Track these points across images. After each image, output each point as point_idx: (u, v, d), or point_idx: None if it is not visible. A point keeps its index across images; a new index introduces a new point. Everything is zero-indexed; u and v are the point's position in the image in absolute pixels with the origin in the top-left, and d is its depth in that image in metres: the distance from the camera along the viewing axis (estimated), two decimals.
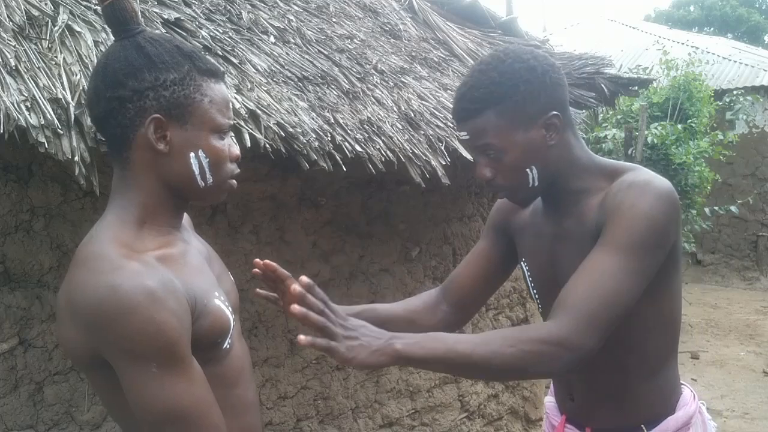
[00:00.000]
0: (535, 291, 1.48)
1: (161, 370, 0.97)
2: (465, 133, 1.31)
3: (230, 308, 1.14)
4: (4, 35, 1.68)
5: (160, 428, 0.99)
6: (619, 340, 1.30)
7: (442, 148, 2.55)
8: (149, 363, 0.96)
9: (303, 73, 2.40)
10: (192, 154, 1.09)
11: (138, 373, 0.97)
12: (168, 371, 0.98)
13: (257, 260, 1.26)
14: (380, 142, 2.33)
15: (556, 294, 1.36)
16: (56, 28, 1.79)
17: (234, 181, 1.17)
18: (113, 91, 1.05)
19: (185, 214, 1.24)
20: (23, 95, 1.56)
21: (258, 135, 1.91)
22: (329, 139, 2.13)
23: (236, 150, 1.16)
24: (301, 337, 1.00)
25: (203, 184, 1.11)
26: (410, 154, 2.41)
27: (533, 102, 1.26)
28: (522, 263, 1.49)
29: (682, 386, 1.44)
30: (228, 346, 1.14)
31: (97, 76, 1.08)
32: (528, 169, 1.28)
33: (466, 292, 1.53)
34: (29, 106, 1.55)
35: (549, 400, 1.61)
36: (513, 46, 1.32)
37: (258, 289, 1.37)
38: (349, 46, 2.81)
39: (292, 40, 2.58)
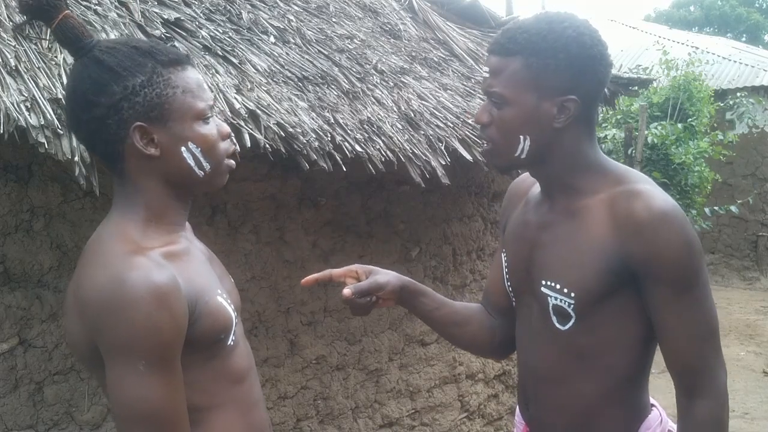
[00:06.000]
0: (509, 284, 1.42)
1: (148, 369, 0.97)
2: (487, 69, 1.25)
3: (232, 305, 1.15)
4: (4, 35, 1.68)
5: (131, 427, 1.00)
6: (570, 350, 1.27)
7: (442, 148, 2.55)
8: (138, 360, 0.97)
9: (303, 73, 2.40)
10: (183, 149, 1.09)
11: (124, 367, 0.97)
12: (154, 372, 0.98)
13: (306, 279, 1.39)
14: (380, 142, 2.33)
15: (526, 286, 1.35)
16: None
17: (232, 160, 1.17)
18: (89, 113, 1.05)
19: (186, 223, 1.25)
20: (23, 95, 1.56)
21: (258, 135, 1.92)
22: (329, 139, 2.13)
23: (225, 127, 1.16)
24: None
25: (202, 173, 1.12)
26: (410, 154, 2.41)
27: (561, 76, 1.20)
28: (503, 254, 1.44)
29: (652, 408, 1.34)
30: (232, 343, 1.15)
31: (70, 102, 1.08)
32: (522, 136, 1.23)
33: (501, 297, 1.49)
34: (29, 106, 1.55)
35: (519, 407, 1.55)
36: (586, 21, 1.25)
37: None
38: (349, 46, 2.81)
39: (292, 40, 2.58)
